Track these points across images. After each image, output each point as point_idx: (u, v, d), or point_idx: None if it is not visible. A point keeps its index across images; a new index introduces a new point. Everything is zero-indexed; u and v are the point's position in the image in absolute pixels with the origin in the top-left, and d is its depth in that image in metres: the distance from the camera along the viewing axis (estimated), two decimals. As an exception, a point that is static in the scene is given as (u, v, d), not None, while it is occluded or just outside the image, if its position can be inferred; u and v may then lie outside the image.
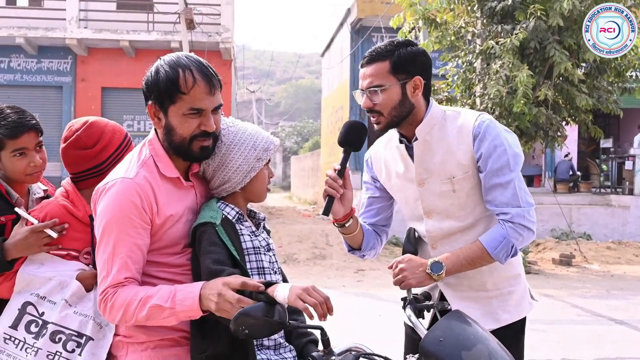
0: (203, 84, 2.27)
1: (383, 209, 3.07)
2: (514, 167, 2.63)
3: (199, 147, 2.32)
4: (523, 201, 2.62)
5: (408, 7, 12.35)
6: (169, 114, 2.30)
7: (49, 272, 2.57)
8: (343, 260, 13.49)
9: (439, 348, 2.18)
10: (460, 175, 2.69)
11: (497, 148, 2.62)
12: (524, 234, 2.61)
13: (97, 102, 20.17)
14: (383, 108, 2.66)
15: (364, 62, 2.71)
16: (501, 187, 2.62)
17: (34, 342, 2.49)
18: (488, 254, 2.61)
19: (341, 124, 23.91)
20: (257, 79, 69.78)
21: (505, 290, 2.81)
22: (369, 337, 4.28)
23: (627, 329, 8.12)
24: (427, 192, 2.77)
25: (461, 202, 2.73)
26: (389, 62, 2.64)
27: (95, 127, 2.72)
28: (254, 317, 1.98)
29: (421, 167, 2.76)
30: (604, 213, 16.93)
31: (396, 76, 2.64)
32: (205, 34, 19.02)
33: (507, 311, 2.80)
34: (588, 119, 12.91)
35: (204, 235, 2.28)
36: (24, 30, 19.21)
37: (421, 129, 2.72)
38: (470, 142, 2.65)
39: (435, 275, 2.61)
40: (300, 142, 56.82)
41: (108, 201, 2.26)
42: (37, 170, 2.79)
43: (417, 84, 2.66)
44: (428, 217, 2.81)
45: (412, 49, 2.67)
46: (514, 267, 2.84)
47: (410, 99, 2.67)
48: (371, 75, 2.66)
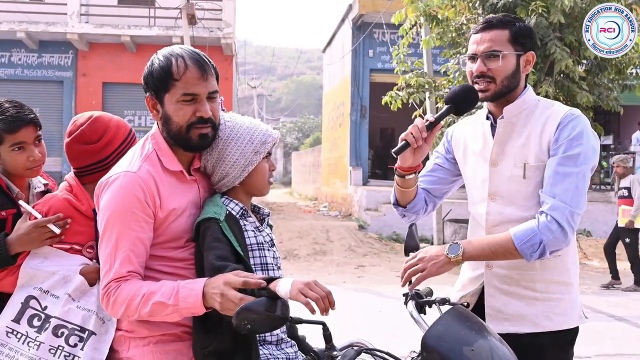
0: (195, 69, 2.29)
1: (444, 181, 3.01)
2: (581, 163, 2.52)
3: (197, 134, 2.32)
4: (572, 200, 2.48)
5: (409, 3, 12.40)
6: (164, 103, 2.31)
7: (52, 267, 2.57)
8: (344, 257, 13.54)
9: (441, 344, 2.18)
10: (533, 163, 2.61)
11: (574, 140, 2.53)
12: (556, 233, 2.46)
13: (98, 97, 20.23)
14: (497, 74, 2.62)
15: (480, 28, 2.67)
16: (559, 176, 2.51)
17: (36, 336, 2.50)
18: (513, 246, 2.49)
19: (342, 120, 23.93)
20: (258, 75, 69.72)
21: (553, 295, 2.67)
22: (369, 333, 4.31)
23: (627, 326, 8.16)
24: (498, 174, 2.70)
25: (529, 191, 2.63)
26: (509, 31, 2.61)
27: (99, 122, 2.72)
28: (256, 312, 1.98)
29: (499, 147, 2.70)
30: (604, 210, 16.89)
31: (514, 46, 2.61)
32: (206, 29, 19.09)
33: (549, 318, 2.67)
34: (588, 116, 12.85)
35: (207, 230, 2.28)
36: (25, 24, 19.27)
37: (510, 109, 2.68)
38: (553, 130, 2.58)
39: (453, 257, 2.53)
40: (301, 138, 56.84)
41: (111, 195, 2.26)
42: (36, 164, 2.79)
43: (529, 59, 2.67)
44: (492, 199, 2.72)
45: (527, 24, 2.68)
46: (569, 275, 2.71)
47: (520, 73, 2.65)
48: (490, 40, 2.62)
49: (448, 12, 12.68)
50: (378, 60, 21.42)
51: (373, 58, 21.43)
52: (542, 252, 2.48)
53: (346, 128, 22.54)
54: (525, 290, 2.68)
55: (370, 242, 15.03)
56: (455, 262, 2.54)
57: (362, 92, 21.61)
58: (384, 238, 15.53)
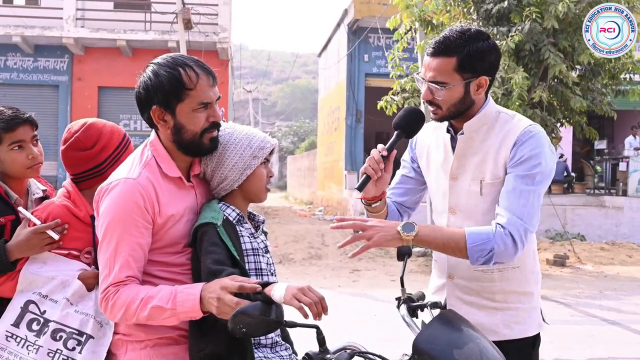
0: (205, 77, 2.34)
1: (413, 191, 2.98)
2: (538, 182, 2.51)
3: (209, 139, 2.37)
4: (527, 217, 2.48)
5: (405, 8, 12.48)
6: (177, 114, 2.33)
7: (51, 272, 2.60)
8: (339, 261, 13.50)
9: (432, 346, 2.20)
10: (489, 180, 2.60)
11: (532, 158, 2.51)
12: (509, 246, 2.45)
13: (93, 101, 20.24)
14: (443, 103, 2.56)
15: (430, 52, 2.57)
16: (517, 193, 2.50)
17: (35, 340, 2.52)
18: (464, 244, 2.47)
19: (338, 124, 23.95)
20: (253, 79, 69.63)
21: (512, 305, 2.70)
22: (364, 337, 4.33)
23: (620, 329, 8.17)
24: (457, 188, 2.70)
25: (485, 207, 2.63)
26: (457, 58, 2.50)
27: (93, 128, 2.76)
28: (251, 316, 2.01)
29: (459, 162, 2.68)
30: (598, 214, 17.03)
31: (461, 74, 2.52)
32: (202, 34, 19.07)
33: (508, 326, 2.69)
34: (582, 121, 13.04)
35: (205, 235, 2.31)
36: (21, 29, 19.27)
37: (470, 125, 2.63)
38: (510, 147, 2.55)
39: (405, 234, 2.45)
40: (297, 142, 56.88)
41: (111, 201, 2.29)
42: (36, 162, 2.83)
43: (481, 84, 2.56)
44: (452, 213, 2.72)
45: (482, 44, 2.52)
46: (528, 285, 2.73)
47: (471, 97, 2.58)
48: (435, 70, 2.53)
49: (443, 18, 12.77)
50: (373, 64, 21.54)
51: (368, 62, 21.56)
52: (489, 260, 2.47)
53: (341, 132, 22.63)
54: (485, 300, 2.70)
55: (365, 247, 15.01)
56: (405, 240, 2.47)
57: (358, 96, 21.72)
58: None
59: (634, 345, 7.40)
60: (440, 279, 2.85)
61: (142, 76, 2.38)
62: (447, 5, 12.61)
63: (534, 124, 2.61)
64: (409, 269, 11.75)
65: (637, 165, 17.71)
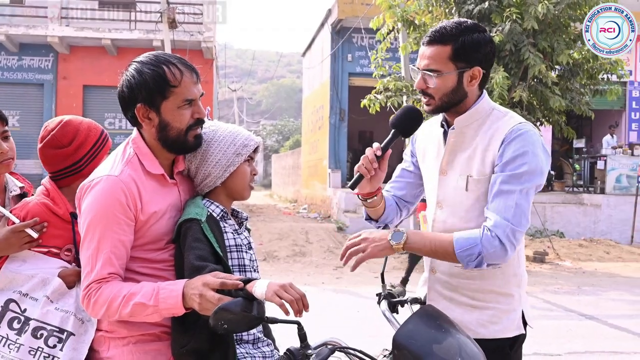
0: (189, 75, 2.35)
1: (412, 185, 2.98)
2: (525, 181, 2.47)
3: (194, 136, 2.38)
4: (514, 218, 2.44)
5: (387, 8, 12.61)
6: (162, 111, 2.33)
7: (31, 270, 2.58)
8: (322, 258, 13.59)
9: (412, 342, 2.22)
10: (475, 176, 2.58)
11: (518, 157, 2.48)
12: (497, 248, 2.42)
13: (78, 99, 20.23)
14: (435, 92, 2.55)
15: (426, 40, 2.57)
16: (503, 194, 2.47)
17: (16, 339, 2.50)
18: (453, 250, 2.46)
19: (322, 123, 23.97)
20: (238, 78, 69.57)
21: (490, 305, 2.65)
22: (347, 333, 4.39)
23: (597, 324, 8.30)
24: (445, 183, 2.68)
25: (470, 204, 2.61)
26: (451, 47, 2.50)
27: (70, 125, 2.74)
28: (232, 312, 2.02)
29: (449, 157, 2.67)
30: (577, 211, 17.18)
31: (455, 63, 2.52)
32: (187, 33, 19.08)
33: (484, 326, 2.64)
34: (561, 120, 13.20)
35: (189, 231, 2.31)
36: (5, 27, 19.25)
37: (461, 120, 2.62)
38: (498, 145, 2.53)
39: (394, 243, 2.46)
40: (281, 140, 56.90)
41: (93, 198, 2.28)
42: (5, 157, 2.79)
43: (475, 75, 2.55)
44: (439, 207, 2.72)
45: (478, 36, 2.53)
46: (509, 286, 2.67)
47: (464, 88, 2.56)
48: (429, 58, 2.53)
49: (425, 18, 12.91)
50: (357, 64, 21.66)
51: (352, 62, 21.67)
52: (480, 263, 2.45)
53: (325, 131, 22.71)
54: (463, 297, 2.67)
55: (348, 244, 15.07)
56: (395, 249, 2.48)
57: (341, 95, 21.82)
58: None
59: (611, 340, 7.51)
60: (426, 272, 2.84)
61: (124, 75, 2.38)
62: (429, 5, 12.75)
63: (525, 122, 2.59)
64: (391, 266, 11.82)
65: (614, 164, 17.85)
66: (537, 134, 2.57)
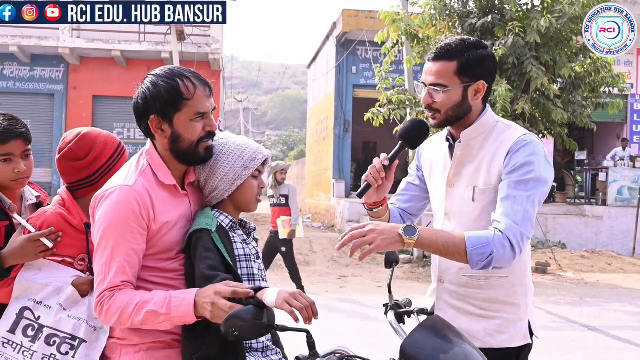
0: (202, 88, 2.39)
1: (417, 198, 3.02)
2: (532, 188, 2.52)
3: (204, 147, 2.42)
4: (523, 222, 2.48)
5: (391, 22, 12.70)
6: (174, 123, 2.38)
7: (45, 278, 2.62)
8: (326, 267, 13.63)
9: (419, 351, 2.25)
10: (482, 186, 2.63)
11: (524, 166, 2.54)
12: (507, 250, 2.45)
13: (88, 110, 20.37)
14: (441, 107, 2.62)
15: (431, 57, 2.65)
16: (511, 199, 2.51)
17: (30, 346, 2.54)
18: (464, 248, 2.45)
19: (326, 134, 24.07)
20: (244, 89, 69.76)
21: (497, 314, 2.69)
22: (351, 341, 4.42)
23: (599, 335, 8.27)
24: (452, 195, 2.74)
25: (477, 214, 2.66)
26: (457, 63, 2.59)
27: (86, 139, 2.77)
28: (243, 320, 2.05)
29: (456, 169, 2.72)
30: (579, 223, 17.19)
31: (461, 78, 2.60)
32: (195, 45, 19.24)
33: (491, 335, 2.68)
34: (563, 132, 13.24)
35: (199, 241, 2.34)
36: (18, 39, 19.42)
37: (467, 133, 2.68)
38: (504, 156, 2.59)
39: (408, 238, 2.43)
40: (286, 150, 57.06)
41: (107, 208, 2.31)
42: (21, 176, 2.81)
43: (479, 88, 2.63)
44: (447, 218, 2.76)
45: (481, 52, 2.62)
46: (516, 296, 2.71)
47: (469, 102, 2.64)
48: (436, 74, 2.61)
49: (429, 32, 12.99)
50: (361, 76, 21.82)
51: (356, 74, 21.83)
52: (488, 264, 2.45)
53: (330, 142, 22.84)
54: (470, 307, 2.71)
55: (352, 253, 15.08)
56: (407, 244, 2.46)
57: (346, 107, 21.97)
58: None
59: (613, 351, 7.53)
60: (434, 282, 2.87)
61: (140, 87, 2.42)
62: (433, 19, 12.80)
63: (529, 133, 2.64)
64: (395, 276, 11.93)
65: (616, 176, 17.89)
66: (542, 144, 2.64)
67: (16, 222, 2.75)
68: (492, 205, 2.61)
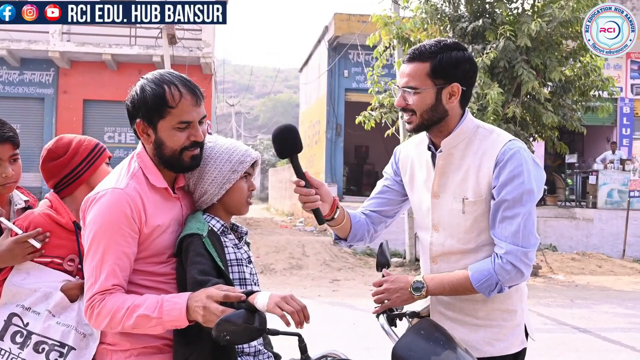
0: (189, 97, 2.34)
1: (393, 202, 2.98)
2: (526, 202, 2.50)
3: (189, 156, 2.38)
4: (524, 240, 2.49)
5: (383, 26, 12.79)
6: (158, 129, 2.36)
7: (34, 284, 2.59)
8: (319, 271, 13.62)
9: (410, 354, 2.27)
10: (472, 199, 2.60)
11: (514, 179, 2.51)
12: (512, 274, 2.48)
13: (78, 114, 20.26)
14: (416, 108, 2.58)
15: (406, 59, 2.62)
16: (507, 220, 2.50)
17: (19, 353, 2.51)
18: (471, 286, 2.51)
19: (318, 137, 24.08)
20: (236, 93, 69.69)
21: (495, 322, 2.68)
22: (343, 345, 4.42)
23: (590, 337, 8.31)
24: (439, 206, 2.69)
25: (468, 225, 2.63)
26: (429, 64, 2.54)
27: (63, 139, 2.83)
28: (234, 324, 2.04)
29: (440, 179, 2.68)
30: (569, 225, 17.28)
31: (434, 80, 2.54)
32: (186, 49, 19.11)
33: (490, 344, 2.67)
34: (554, 136, 13.34)
35: (191, 245, 2.32)
36: (7, 42, 19.27)
37: (448, 142, 2.64)
38: (492, 167, 2.55)
39: (416, 295, 2.59)
40: (278, 155, 56.88)
41: (98, 210, 2.30)
42: (8, 181, 2.80)
43: (454, 91, 2.57)
44: (435, 230, 2.72)
45: (457, 54, 2.56)
46: (512, 303, 2.70)
47: (444, 105, 2.58)
48: (408, 75, 2.58)
49: (420, 35, 13.05)
50: (353, 80, 21.85)
51: (348, 78, 21.85)
52: (500, 289, 2.52)
53: (322, 145, 22.83)
54: (467, 317, 2.70)
55: (344, 257, 15.09)
56: (417, 298, 2.62)
57: (338, 110, 21.99)
58: (358, 253, 15.63)
59: (604, 353, 7.56)
60: None
61: (131, 90, 2.41)
62: (424, 23, 12.89)
63: (513, 138, 2.61)
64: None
65: (606, 179, 17.98)
66: (527, 149, 2.61)
67: (4, 227, 2.72)
68: (483, 216, 2.61)
